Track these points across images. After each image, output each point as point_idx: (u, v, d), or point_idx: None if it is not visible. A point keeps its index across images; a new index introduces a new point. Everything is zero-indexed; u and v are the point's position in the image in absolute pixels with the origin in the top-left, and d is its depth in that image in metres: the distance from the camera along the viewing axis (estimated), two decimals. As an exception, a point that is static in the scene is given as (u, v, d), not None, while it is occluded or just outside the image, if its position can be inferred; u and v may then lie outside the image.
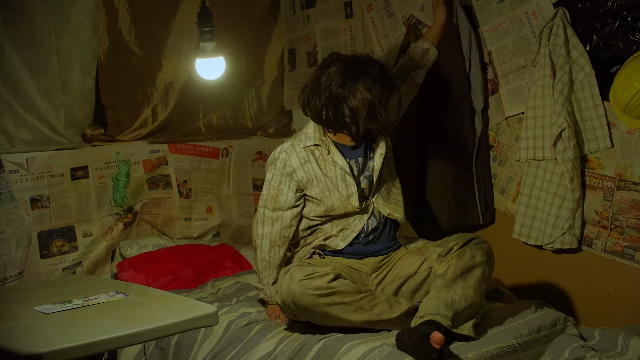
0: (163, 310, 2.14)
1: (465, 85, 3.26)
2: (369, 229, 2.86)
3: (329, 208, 2.83)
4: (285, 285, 2.58)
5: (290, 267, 2.65)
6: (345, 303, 2.58)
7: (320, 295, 2.55)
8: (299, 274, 2.58)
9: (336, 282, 2.59)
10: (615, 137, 2.83)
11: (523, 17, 3.06)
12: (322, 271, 2.60)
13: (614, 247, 2.87)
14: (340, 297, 2.58)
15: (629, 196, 2.80)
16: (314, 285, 2.55)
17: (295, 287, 2.55)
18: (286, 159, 2.84)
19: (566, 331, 2.66)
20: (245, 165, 4.26)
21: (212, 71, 3.61)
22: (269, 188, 2.87)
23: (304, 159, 2.83)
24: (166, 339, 2.93)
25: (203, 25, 3.42)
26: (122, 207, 3.76)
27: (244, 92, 4.27)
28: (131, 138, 3.84)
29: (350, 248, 2.86)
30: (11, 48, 3.38)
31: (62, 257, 3.55)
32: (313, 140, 2.85)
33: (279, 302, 2.64)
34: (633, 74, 2.67)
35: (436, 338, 2.35)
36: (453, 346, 2.47)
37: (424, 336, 2.38)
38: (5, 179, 3.35)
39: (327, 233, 2.87)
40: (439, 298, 2.56)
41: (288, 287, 2.57)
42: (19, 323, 2.02)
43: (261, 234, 2.88)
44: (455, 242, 2.71)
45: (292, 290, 2.56)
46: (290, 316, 2.68)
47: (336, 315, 2.58)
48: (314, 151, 2.85)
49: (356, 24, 3.88)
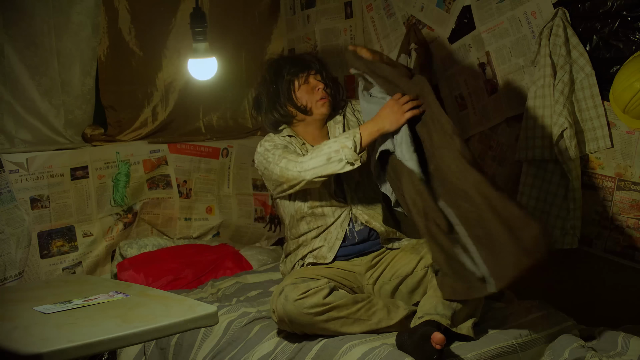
0: (163, 310, 2.14)
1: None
2: (352, 233, 2.86)
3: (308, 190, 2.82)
4: (280, 306, 2.60)
5: (284, 287, 2.65)
6: (343, 317, 2.59)
7: (316, 313, 2.56)
8: (293, 294, 2.58)
9: (332, 296, 2.60)
10: (615, 137, 2.83)
11: (522, 17, 3.07)
12: (316, 287, 2.59)
13: (614, 247, 2.87)
14: (337, 311, 2.58)
15: (629, 196, 2.80)
16: (309, 304, 2.56)
17: (291, 307, 2.57)
18: (273, 139, 2.93)
19: (566, 331, 2.65)
20: (245, 166, 4.25)
21: (204, 72, 3.60)
22: (274, 156, 2.82)
23: (286, 141, 2.91)
24: (166, 339, 2.93)
25: (196, 26, 3.42)
26: (122, 207, 3.76)
27: (244, 92, 4.27)
28: (131, 138, 3.84)
29: (339, 253, 2.85)
30: (11, 48, 3.38)
31: (62, 257, 3.55)
32: (287, 133, 2.94)
33: (275, 320, 2.65)
34: (633, 74, 2.67)
35: (437, 338, 2.35)
36: (453, 346, 2.47)
37: (424, 337, 2.38)
38: (5, 179, 3.35)
39: (311, 246, 2.88)
40: (437, 297, 2.55)
41: (284, 307, 2.58)
42: (19, 323, 2.02)
43: (300, 167, 2.71)
44: None
45: (288, 311, 2.57)
46: (288, 330, 2.68)
47: (334, 329, 2.58)
48: (291, 141, 2.92)
49: (356, 24, 3.88)
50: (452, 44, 3.40)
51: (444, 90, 3.47)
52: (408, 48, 3.52)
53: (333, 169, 2.65)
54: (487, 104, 3.29)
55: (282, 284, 2.68)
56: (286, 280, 2.72)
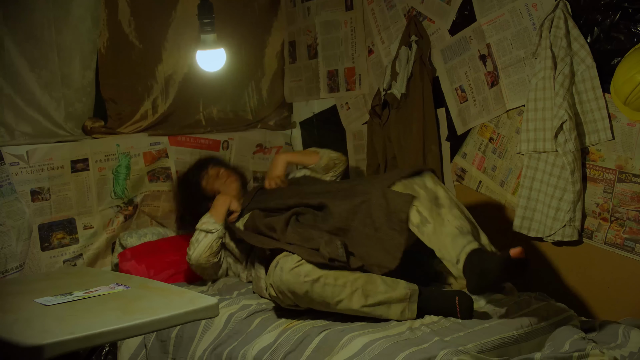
0: (163, 303, 2.14)
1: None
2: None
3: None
4: (277, 278, 2.62)
5: (278, 260, 2.66)
6: (340, 285, 2.60)
7: (313, 280, 2.58)
8: (288, 264, 2.62)
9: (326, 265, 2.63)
10: (616, 129, 2.83)
11: (523, 9, 3.06)
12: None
13: (615, 240, 2.87)
14: (334, 279, 2.60)
15: (630, 188, 2.80)
16: (305, 270, 2.59)
17: (288, 277, 2.60)
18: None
19: (567, 323, 2.66)
20: (245, 158, 4.25)
21: (212, 63, 3.61)
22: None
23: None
24: (166, 331, 2.93)
25: (204, 17, 3.42)
26: (122, 199, 3.76)
27: (245, 85, 4.27)
28: (131, 130, 3.84)
29: None
30: (11, 41, 3.37)
31: (63, 250, 3.55)
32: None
33: (274, 294, 2.67)
34: (634, 66, 2.66)
35: (516, 252, 2.37)
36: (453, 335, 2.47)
37: (503, 259, 2.41)
38: (6, 172, 3.35)
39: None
40: (447, 235, 2.59)
41: (280, 278, 2.61)
42: (20, 315, 2.02)
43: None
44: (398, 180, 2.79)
45: (286, 281, 2.60)
46: (291, 306, 2.69)
47: (334, 299, 2.60)
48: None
49: (356, 16, 3.87)
50: (453, 36, 3.39)
51: (445, 82, 3.47)
52: (408, 40, 3.52)
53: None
54: (488, 96, 3.29)
55: (277, 257, 2.70)
56: (281, 254, 2.75)
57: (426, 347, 2.36)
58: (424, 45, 3.48)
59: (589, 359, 2.33)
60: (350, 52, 3.93)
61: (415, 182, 2.78)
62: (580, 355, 2.35)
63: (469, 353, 2.31)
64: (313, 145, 4.27)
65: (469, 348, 2.36)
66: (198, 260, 3.25)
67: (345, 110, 4.05)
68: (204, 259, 3.26)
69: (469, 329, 2.53)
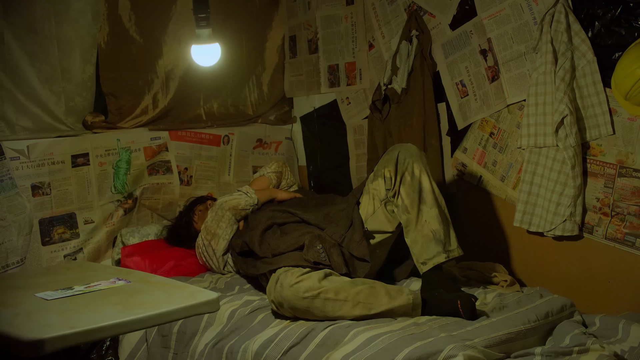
0: (164, 297, 2.15)
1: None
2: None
3: None
4: (277, 294, 2.63)
5: (279, 275, 2.68)
6: (341, 300, 2.61)
7: (313, 297, 2.58)
8: (288, 280, 2.63)
9: (326, 280, 2.64)
10: (616, 124, 2.83)
11: (524, 4, 3.05)
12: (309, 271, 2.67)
13: (615, 234, 2.87)
14: (335, 294, 2.60)
15: (630, 183, 2.80)
16: (304, 287, 2.59)
17: (287, 293, 2.60)
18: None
19: (568, 318, 2.66)
20: (246, 153, 4.25)
21: (207, 58, 3.60)
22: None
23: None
24: (168, 326, 2.93)
25: (199, 12, 3.41)
26: (122, 194, 3.76)
27: (245, 80, 4.26)
28: (132, 125, 3.83)
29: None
30: (11, 35, 3.37)
31: (64, 244, 3.55)
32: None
33: (275, 308, 2.70)
34: (635, 61, 2.66)
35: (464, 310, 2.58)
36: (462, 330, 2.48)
37: (452, 307, 2.60)
38: (6, 166, 3.35)
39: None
40: (422, 236, 2.79)
41: (281, 295, 2.62)
42: (21, 309, 2.03)
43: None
44: (387, 170, 2.92)
45: (286, 297, 2.61)
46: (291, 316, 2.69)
47: (335, 314, 2.61)
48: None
49: (357, 10, 3.86)
50: (454, 31, 3.39)
51: (446, 77, 3.46)
52: (409, 35, 3.52)
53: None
54: (489, 91, 3.29)
55: (277, 272, 2.71)
56: (280, 269, 2.75)
57: (432, 341, 2.36)
58: (425, 39, 3.48)
59: (589, 353, 2.34)
60: (350, 46, 3.93)
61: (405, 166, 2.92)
62: (580, 349, 2.35)
63: (476, 347, 2.31)
64: (313, 140, 4.27)
65: (475, 342, 2.36)
66: (222, 205, 3.37)
67: (346, 105, 4.04)
68: (227, 205, 3.37)
69: (475, 324, 2.53)
